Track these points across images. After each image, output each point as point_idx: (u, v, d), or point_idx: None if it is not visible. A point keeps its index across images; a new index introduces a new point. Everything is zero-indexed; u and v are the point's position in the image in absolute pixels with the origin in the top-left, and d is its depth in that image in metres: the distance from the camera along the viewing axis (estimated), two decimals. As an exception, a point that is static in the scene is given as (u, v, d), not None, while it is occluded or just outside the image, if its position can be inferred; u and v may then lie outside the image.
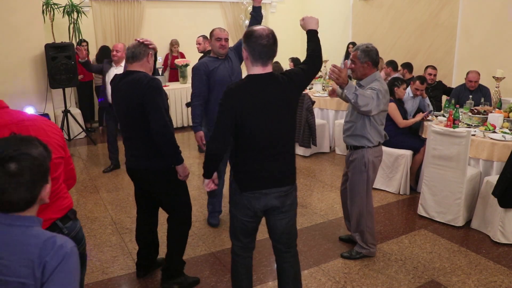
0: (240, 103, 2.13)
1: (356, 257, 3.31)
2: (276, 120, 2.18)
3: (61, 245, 1.23)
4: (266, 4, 9.24)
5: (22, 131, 1.65)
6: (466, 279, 3.04)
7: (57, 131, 1.82)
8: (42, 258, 1.20)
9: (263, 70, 2.17)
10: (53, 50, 6.16)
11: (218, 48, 3.58)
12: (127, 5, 7.88)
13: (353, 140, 3.12)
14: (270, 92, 2.16)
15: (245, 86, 2.17)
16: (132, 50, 2.65)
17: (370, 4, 7.93)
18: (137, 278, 3.07)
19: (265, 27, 2.21)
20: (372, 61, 3.02)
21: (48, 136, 1.75)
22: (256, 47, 2.13)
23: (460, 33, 6.49)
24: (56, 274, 1.20)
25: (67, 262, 1.22)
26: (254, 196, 2.24)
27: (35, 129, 1.72)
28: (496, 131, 4.09)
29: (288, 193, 2.30)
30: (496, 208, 3.50)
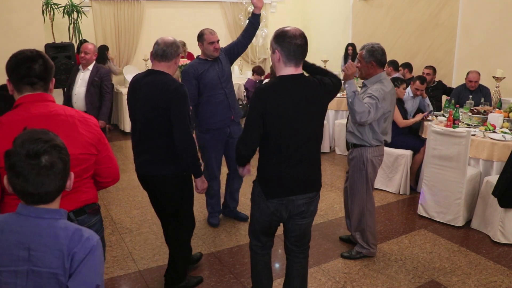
0: (270, 103, 2.10)
1: (356, 257, 3.31)
2: (305, 122, 2.16)
3: (87, 238, 1.29)
4: (266, 4, 9.23)
5: (51, 124, 1.68)
6: (466, 279, 3.04)
7: (91, 129, 1.84)
8: (71, 249, 1.25)
9: (295, 70, 2.15)
10: (53, 50, 6.17)
11: (213, 51, 3.52)
12: (127, 5, 7.87)
13: (353, 137, 3.13)
14: (301, 93, 2.14)
15: (276, 86, 2.15)
16: (163, 48, 2.52)
17: (370, 4, 7.93)
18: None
19: (293, 26, 2.18)
20: (376, 61, 3.02)
21: (78, 132, 1.78)
22: (291, 47, 2.09)
23: (460, 33, 6.49)
24: (84, 265, 1.26)
25: (93, 254, 1.28)
26: (281, 203, 2.22)
27: (66, 124, 1.76)
28: (496, 131, 4.09)
29: (314, 199, 2.30)
30: (496, 208, 3.50)
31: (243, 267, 3.22)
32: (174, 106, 2.42)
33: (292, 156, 2.17)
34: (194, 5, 8.65)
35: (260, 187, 2.26)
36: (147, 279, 3.06)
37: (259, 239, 2.43)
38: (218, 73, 3.56)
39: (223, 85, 3.58)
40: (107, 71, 4.68)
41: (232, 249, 3.49)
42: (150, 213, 4.19)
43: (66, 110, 1.82)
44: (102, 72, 4.57)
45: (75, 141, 1.71)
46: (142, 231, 3.80)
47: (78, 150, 1.71)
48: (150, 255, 3.39)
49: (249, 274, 3.09)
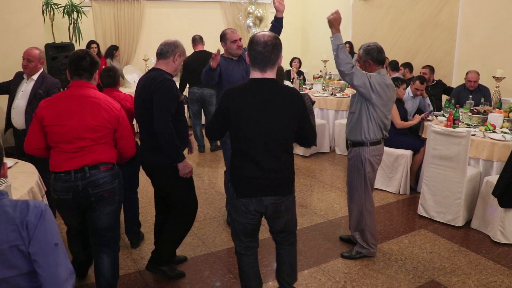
0: (236, 104, 2.18)
1: (356, 257, 3.31)
2: (272, 125, 2.18)
3: (35, 206, 1.43)
4: (266, 4, 9.23)
5: (81, 102, 2.41)
6: (466, 279, 3.04)
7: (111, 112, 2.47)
8: (23, 219, 1.39)
9: (261, 75, 2.19)
10: (53, 50, 6.17)
11: (236, 50, 3.59)
12: (127, 5, 7.87)
13: (352, 134, 3.12)
14: (267, 96, 2.17)
15: (244, 88, 2.23)
16: (161, 47, 2.73)
17: (370, 4, 7.93)
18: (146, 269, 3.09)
19: (266, 33, 2.20)
20: (372, 59, 3.03)
21: (99, 111, 2.43)
22: (252, 53, 2.16)
23: (460, 33, 6.49)
24: (38, 229, 1.40)
25: (44, 218, 1.42)
26: (250, 202, 2.27)
27: (92, 104, 2.43)
28: (496, 131, 4.09)
29: (284, 200, 2.31)
30: (496, 208, 3.50)
31: (243, 267, 3.22)
32: (155, 97, 2.62)
33: (258, 159, 2.21)
34: (194, 5, 8.65)
35: (232, 187, 2.33)
36: (147, 279, 3.06)
37: (240, 240, 2.45)
38: (242, 72, 3.62)
39: None
40: (54, 83, 3.82)
41: (232, 249, 3.49)
42: (150, 213, 4.19)
43: (96, 94, 2.49)
44: (48, 84, 3.75)
45: (95, 116, 2.41)
46: (142, 231, 3.79)
47: (95, 122, 2.41)
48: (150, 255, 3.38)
49: (249, 274, 3.10)
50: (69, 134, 2.38)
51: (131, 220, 3.48)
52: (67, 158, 2.41)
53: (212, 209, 4.29)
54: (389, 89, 3.02)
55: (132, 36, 8.01)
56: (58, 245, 1.43)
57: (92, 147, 2.43)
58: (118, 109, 2.52)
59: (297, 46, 9.05)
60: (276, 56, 2.17)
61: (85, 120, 2.40)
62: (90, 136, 2.41)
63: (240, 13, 8.79)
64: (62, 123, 2.38)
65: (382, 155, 3.22)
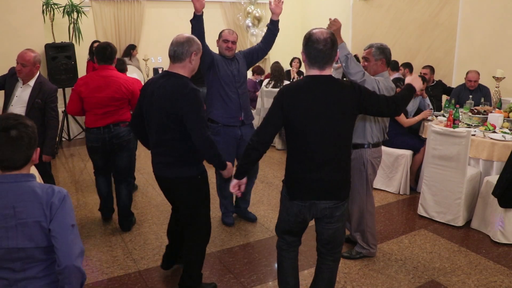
0: (293, 101, 2.10)
1: (356, 257, 3.31)
2: (330, 124, 2.11)
3: (59, 191, 1.66)
4: (266, 4, 9.23)
5: (105, 80, 3.45)
6: (466, 279, 3.04)
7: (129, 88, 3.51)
8: (49, 200, 1.62)
9: (320, 72, 2.15)
10: (53, 50, 6.17)
11: (224, 50, 3.56)
12: (127, 5, 7.87)
13: (354, 137, 3.06)
14: (326, 93, 2.11)
15: (299, 86, 2.15)
16: (174, 49, 2.45)
17: (370, 4, 7.93)
18: (162, 268, 3.09)
19: (323, 30, 2.14)
20: (386, 58, 3.05)
21: (119, 87, 3.47)
22: (312, 51, 2.10)
23: (460, 33, 6.48)
24: (60, 211, 1.62)
25: (66, 202, 1.65)
26: (304, 205, 2.21)
27: (113, 81, 3.47)
28: (496, 131, 4.09)
29: (340, 205, 2.23)
30: (496, 208, 3.50)
31: (243, 267, 3.22)
32: (189, 112, 2.38)
33: (315, 158, 2.14)
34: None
35: (285, 188, 2.27)
36: (147, 279, 3.06)
37: (284, 238, 2.44)
38: (234, 72, 3.58)
39: (237, 85, 3.58)
40: (52, 90, 3.60)
41: (232, 249, 3.49)
42: (150, 213, 4.19)
43: (117, 74, 3.56)
44: (46, 91, 3.54)
45: (116, 90, 3.45)
46: (142, 231, 3.80)
47: (116, 95, 3.46)
48: (150, 255, 3.39)
49: (249, 274, 3.10)
50: (99, 103, 3.45)
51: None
52: (98, 118, 3.49)
53: (212, 209, 4.27)
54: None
55: (132, 36, 8.01)
56: (74, 226, 1.65)
57: (115, 111, 3.52)
58: (131, 83, 3.55)
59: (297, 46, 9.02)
60: (335, 53, 2.14)
61: (109, 93, 3.45)
62: (113, 103, 3.49)
63: (240, 13, 8.79)
64: (94, 95, 3.44)
65: (381, 157, 3.24)
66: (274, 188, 4.89)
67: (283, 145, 6.49)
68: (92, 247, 3.50)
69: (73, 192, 4.80)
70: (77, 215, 4.14)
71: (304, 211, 2.23)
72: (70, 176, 5.40)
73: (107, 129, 3.50)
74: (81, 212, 4.22)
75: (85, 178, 5.26)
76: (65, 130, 6.76)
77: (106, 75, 3.47)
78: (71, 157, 6.25)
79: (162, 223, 3.95)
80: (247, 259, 3.33)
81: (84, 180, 5.17)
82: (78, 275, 1.62)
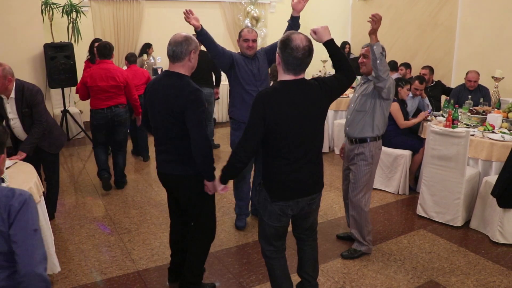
0: (270, 107, 2.11)
1: (355, 256, 3.32)
2: (306, 126, 2.17)
3: (20, 194, 1.57)
4: (266, 4, 9.24)
5: (107, 72, 4.41)
6: (465, 279, 3.04)
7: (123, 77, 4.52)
8: (7, 203, 1.52)
9: (294, 78, 2.17)
10: (52, 50, 6.15)
11: (246, 49, 3.58)
12: (126, 5, 7.87)
13: (362, 132, 3.17)
14: (301, 96, 2.15)
15: (275, 91, 2.16)
16: (173, 49, 2.45)
17: (369, 4, 7.93)
18: (169, 283, 2.99)
19: (303, 36, 2.13)
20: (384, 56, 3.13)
21: (117, 76, 4.47)
22: (289, 58, 2.10)
23: (459, 33, 6.49)
24: (21, 215, 1.53)
25: (28, 205, 1.56)
26: (287, 204, 2.28)
27: (113, 71, 4.47)
28: (495, 131, 4.09)
29: (317, 198, 2.39)
30: (495, 208, 3.50)
31: (242, 267, 3.22)
32: (189, 111, 2.39)
33: (294, 160, 2.20)
34: (193, 5, 8.63)
35: (266, 192, 2.29)
36: (146, 279, 3.05)
37: (272, 244, 2.44)
38: (254, 71, 3.59)
39: (257, 84, 3.59)
40: (32, 93, 3.46)
41: (231, 249, 3.49)
42: (148, 213, 4.19)
43: (114, 67, 4.53)
44: (27, 97, 3.43)
45: (115, 79, 4.42)
46: (141, 231, 3.79)
47: (115, 83, 4.44)
48: (149, 255, 3.38)
49: (248, 274, 3.10)
50: (101, 89, 4.44)
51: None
52: (101, 102, 4.48)
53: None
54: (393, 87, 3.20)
55: (131, 36, 8.01)
56: (36, 231, 1.56)
57: (114, 95, 4.51)
58: (125, 75, 4.58)
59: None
60: (310, 59, 2.16)
61: (110, 82, 4.44)
62: (113, 90, 4.48)
63: (240, 13, 8.79)
64: (98, 84, 4.42)
65: (381, 149, 3.35)
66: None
67: None
68: (91, 247, 3.50)
69: (72, 192, 4.80)
70: (76, 215, 4.13)
71: (286, 210, 2.30)
72: (69, 176, 5.39)
73: (109, 109, 4.50)
74: (80, 212, 4.22)
75: (84, 178, 5.26)
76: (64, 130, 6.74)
77: (105, 68, 4.45)
78: (70, 157, 6.24)
79: (161, 223, 3.94)
80: (246, 259, 3.33)
81: (83, 180, 5.16)
82: (40, 283, 1.51)
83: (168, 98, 2.44)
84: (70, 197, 4.63)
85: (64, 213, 4.19)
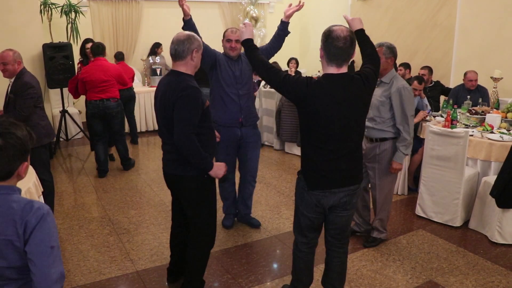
0: (318, 94, 2.14)
1: (376, 244, 3.50)
2: (349, 119, 2.21)
3: (38, 208, 1.47)
4: (264, 4, 9.23)
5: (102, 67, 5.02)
6: (464, 279, 3.04)
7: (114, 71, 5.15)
8: (24, 218, 1.44)
9: (337, 71, 2.18)
10: (51, 50, 6.14)
11: (228, 50, 3.49)
12: (125, 5, 7.86)
13: (378, 133, 3.31)
14: (345, 90, 2.18)
15: (321, 82, 2.19)
16: (175, 47, 2.45)
17: (369, 5, 7.93)
18: (168, 283, 2.99)
19: (344, 27, 2.16)
20: (395, 57, 3.25)
21: (110, 71, 5.05)
22: (331, 48, 2.13)
23: (458, 33, 6.49)
24: (37, 230, 1.44)
25: (45, 220, 1.46)
26: (324, 194, 2.28)
27: (106, 67, 5.05)
28: (494, 132, 4.09)
29: (356, 191, 2.36)
30: (494, 209, 3.50)
31: (241, 268, 3.21)
32: (177, 108, 2.38)
33: (334, 151, 2.23)
34: (192, 5, 8.53)
35: (303, 179, 2.32)
36: (145, 280, 3.05)
37: (305, 235, 2.47)
38: (236, 73, 3.51)
39: (238, 87, 3.51)
40: (22, 83, 3.49)
41: (230, 250, 3.49)
42: (147, 213, 4.19)
43: (107, 63, 5.15)
44: (17, 85, 3.48)
45: (106, 74, 5.01)
46: (140, 232, 3.79)
47: (107, 77, 5.01)
48: (148, 255, 3.38)
49: (247, 275, 3.10)
50: (95, 83, 4.97)
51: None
52: (95, 94, 5.00)
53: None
54: None
55: (130, 36, 8.00)
56: (54, 248, 1.47)
57: (107, 88, 5.03)
58: (117, 69, 5.24)
59: (295, 47, 9.04)
60: (353, 50, 2.19)
61: (102, 77, 4.97)
62: (105, 84, 5.00)
63: (239, 13, 8.79)
64: (92, 79, 4.96)
65: None
66: (272, 189, 4.88)
67: (281, 146, 6.49)
68: (90, 248, 3.50)
69: (71, 192, 4.79)
70: (75, 216, 4.13)
71: (323, 200, 2.29)
72: (68, 176, 5.38)
73: (101, 101, 5.02)
74: (79, 212, 4.21)
75: (83, 178, 5.25)
76: (63, 131, 6.74)
77: (100, 64, 5.03)
78: (69, 158, 6.24)
79: (159, 224, 3.94)
80: (245, 260, 3.33)
81: (82, 181, 5.16)
82: None
83: (164, 95, 2.45)
84: (69, 197, 4.62)
85: (63, 213, 4.19)
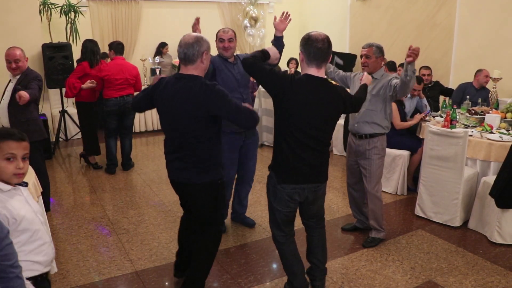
0: (297, 91, 2.32)
1: (375, 243, 3.51)
2: (322, 120, 2.39)
3: None
4: (264, 5, 9.23)
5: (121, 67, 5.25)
6: (463, 279, 3.04)
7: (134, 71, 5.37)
8: None
9: (317, 72, 2.37)
10: (50, 50, 6.14)
11: (222, 50, 3.41)
12: (124, 5, 7.86)
13: (371, 127, 3.36)
14: (321, 92, 2.36)
15: (302, 80, 2.36)
16: (184, 51, 2.36)
17: (368, 5, 7.94)
18: (174, 277, 3.01)
19: (320, 32, 2.37)
20: (383, 56, 3.38)
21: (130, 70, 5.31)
22: (311, 49, 2.32)
23: (458, 33, 6.50)
24: None
25: None
26: (294, 190, 2.46)
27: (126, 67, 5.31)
28: (493, 132, 4.10)
29: (321, 187, 2.58)
30: (493, 209, 3.51)
31: (240, 268, 3.21)
32: (223, 107, 2.32)
33: (303, 148, 2.39)
34: (192, 5, 8.64)
35: (275, 175, 2.48)
36: (144, 280, 3.05)
37: (281, 229, 2.61)
38: (237, 76, 3.43)
39: (241, 90, 3.46)
40: (36, 76, 3.83)
41: (229, 250, 3.49)
42: (147, 213, 4.18)
43: (127, 63, 5.45)
44: (29, 77, 3.78)
45: (127, 73, 5.26)
46: (139, 232, 3.79)
47: (127, 76, 5.26)
48: (147, 255, 3.38)
49: (246, 275, 3.10)
50: (116, 81, 5.19)
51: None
52: (115, 92, 5.20)
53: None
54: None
55: (130, 36, 8.00)
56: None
57: (126, 87, 5.27)
58: (137, 71, 5.44)
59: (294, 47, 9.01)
60: (330, 52, 2.37)
61: (123, 75, 5.22)
62: (125, 82, 5.24)
63: (239, 13, 8.79)
64: (113, 78, 5.16)
65: None
66: (272, 189, 4.88)
67: None
68: (89, 248, 3.49)
69: (70, 192, 4.79)
70: (74, 215, 4.13)
71: (294, 195, 2.48)
72: (67, 176, 5.38)
73: (122, 98, 5.22)
74: (78, 212, 4.21)
75: (82, 178, 5.25)
76: (62, 131, 6.74)
77: (121, 63, 5.28)
78: (68, 158, 6.24)
79: (159, 224, 3.94)
80: (244, 260, 3.33)
81: (81, 180, 5.16)
82: None
83: (188, 103, 2.33)
84: (68, 197, 4.62)
85: (62, 213, 4.18)
